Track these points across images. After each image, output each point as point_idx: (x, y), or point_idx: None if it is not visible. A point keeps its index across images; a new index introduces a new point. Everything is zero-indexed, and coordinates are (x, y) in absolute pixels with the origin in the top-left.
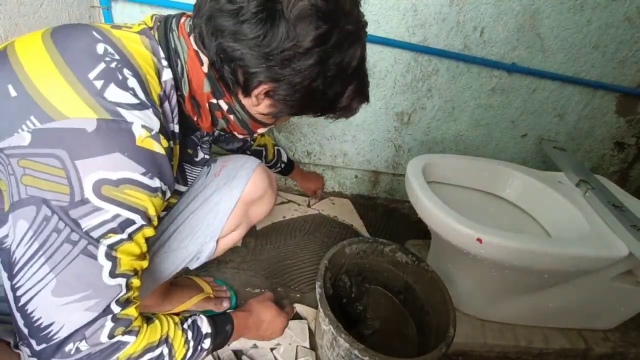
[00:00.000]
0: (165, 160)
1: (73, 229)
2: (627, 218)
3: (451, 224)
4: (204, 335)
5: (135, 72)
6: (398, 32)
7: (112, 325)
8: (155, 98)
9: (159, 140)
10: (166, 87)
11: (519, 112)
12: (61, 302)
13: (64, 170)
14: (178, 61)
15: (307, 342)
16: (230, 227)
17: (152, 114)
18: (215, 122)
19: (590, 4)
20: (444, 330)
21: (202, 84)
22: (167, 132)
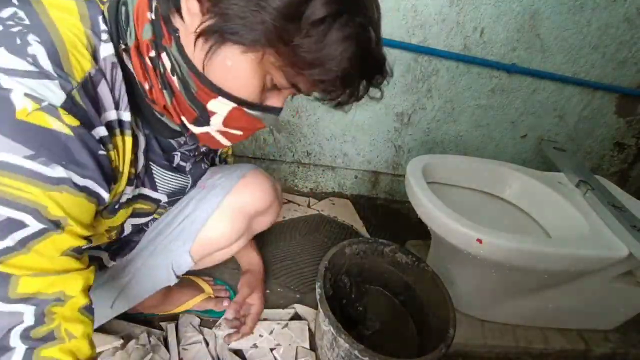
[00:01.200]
0: (77, 145)
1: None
2: (627, 219)
3: (451, 225)
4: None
5: (47, 40)
6: (398, 32)
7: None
8: (76, 74)
9: (58, 115)
10: (105, 66)
11: (518, 113)
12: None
13: None
14: (123, 9)
15: (307, 342)
16: (233, 239)
17: (56, 87)
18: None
19: (590, 5)
20: (444, 330)
21: (143, 30)
22: (85, 115)
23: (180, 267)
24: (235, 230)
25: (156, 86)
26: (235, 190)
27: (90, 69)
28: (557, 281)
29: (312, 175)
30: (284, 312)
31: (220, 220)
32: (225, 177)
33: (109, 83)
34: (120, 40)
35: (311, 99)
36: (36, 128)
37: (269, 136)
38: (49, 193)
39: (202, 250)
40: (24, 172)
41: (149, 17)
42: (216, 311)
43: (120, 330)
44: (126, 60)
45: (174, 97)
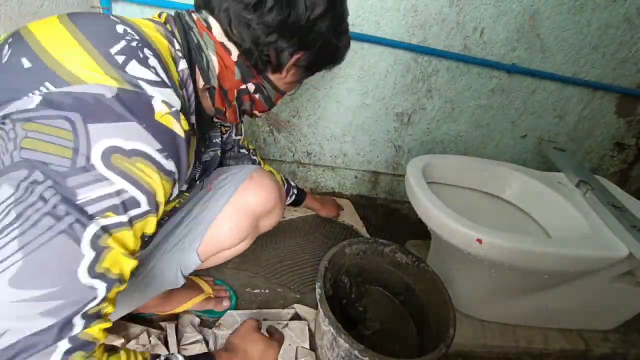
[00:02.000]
0: (184, 144)
1: (63, 200)
2: (627, 219)
3: (451, 225)
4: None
5: (155, 53)
6: (398, 32)
7: (67, 347)
8: (175, 81)
9: (179, 119)
10: (183, 76)
11: (518, 113)
12: (16, 296)
13: (73, 133)
14: (203, 55)
15: (307, 342)
16: (239, 239)
17: (173, 94)
18: (241, 110)
19: (590, 5)
20: (444, 330)
21: (234, 72)
22: (187, 115)
23: (188, 267)
24: (242, 230)
25: (233, 109)
26: (241, 191)
27: (177, 77)
28: (557, 281)
29: (312, 175)
30: (284, 312)
31: (227, 221)
32: (231, 178)
33: (186, 91)
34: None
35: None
36: (165, 128)
37: (269, 136)
38: (162, 182)
39: (209, 250)
40: (153, 162)
41: (234, 60)
42: (216, 311)
43: (120, 330)
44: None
45: (254, 104)
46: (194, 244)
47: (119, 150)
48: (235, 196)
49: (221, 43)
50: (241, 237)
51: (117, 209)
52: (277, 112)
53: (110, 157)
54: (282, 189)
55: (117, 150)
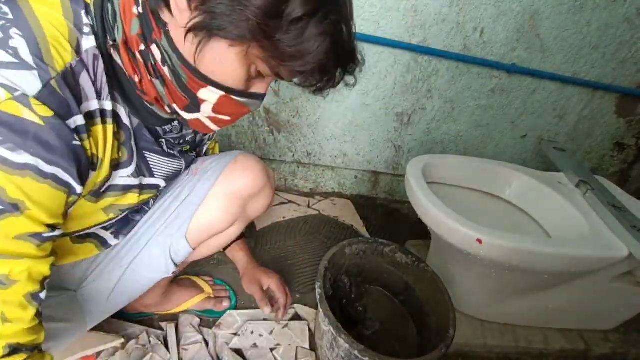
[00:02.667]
0: (48, 134)
1: None
2: (627, 219)
3: (451, 225)
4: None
5: (29, 33)
6: (398, 32)
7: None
8: (56, 65)
9: (30, 105)
10: (87, 57)
11: (518, 113)
12: None
13: None
14: (109, 6)
15: (307, 343)
16: (227, 223)
17: (33, 77)
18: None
19: (590, 5)
20: (444, 330)
21: (131, 25)
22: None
23: (178, 253)
24: (229, 213)
25: (146, 78)
26: (226, 173)
27: (71, 61)
28: (557, 281)
29: (312, 175)
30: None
31: (213, 204)
32: (216, 162)
33: (91, 74)
34: (107, 35)
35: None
36: (7, 116)
37: (269, 136)
38: (10, 177)
39: (198, 235)
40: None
41: (136, 12)
42: (216, 311)
43: (120, 330)
44: (114, 55)
45: (166, 86)
46: (182, 229)
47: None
48: (221, 178)
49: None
50: (229, 220)
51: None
52: (277, 112)
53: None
54: (270, 171)
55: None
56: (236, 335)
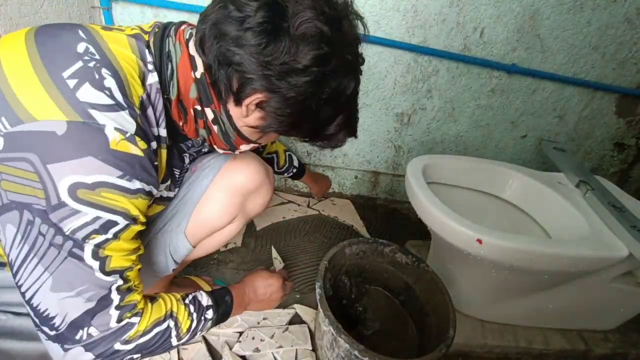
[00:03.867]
0: (146, 162)
1: (56, 232)
2: (627, 219)
3: (451, 225)
4: (205, 307)
5: (114, 72)
6: (398, 32)
7: (117, 312)
8: (135, 100)
9: (135, 142)
10: (150, 91)
11: (518, 113)
12: (60, 297)
13: (37, 174)
14: (169, 65)
15: (309, 344)
16: (226, 219)
17: (128, 115)
18: (197, 130)
19: (590, 5)
20: (444, 331)
21: (189, 89)
22: (146, 134)
23: (178, 250)
24: (228, 209)
25: (191, 126)
26: (225, 170)
27: (142, 94)
28: (557, 281)
29: None
30: (284, 312)
31: (212, 199)
32: (215, 159)
33: (154, 106)
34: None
35: None
36: (122, 154)
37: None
38: (131, 200)
39: (197, 232)
40: (116, 188)
41: (194, 77)
42: None
43: None
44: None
45: (211, 135)
46: (182, 225)
47: (83, 185)
48: (220, 175)
49: (191, 56)
50: (229, 216)
51: (99, 232)
52: None
53: (76, 192)
54: (269, 168)
55: (81, 185)
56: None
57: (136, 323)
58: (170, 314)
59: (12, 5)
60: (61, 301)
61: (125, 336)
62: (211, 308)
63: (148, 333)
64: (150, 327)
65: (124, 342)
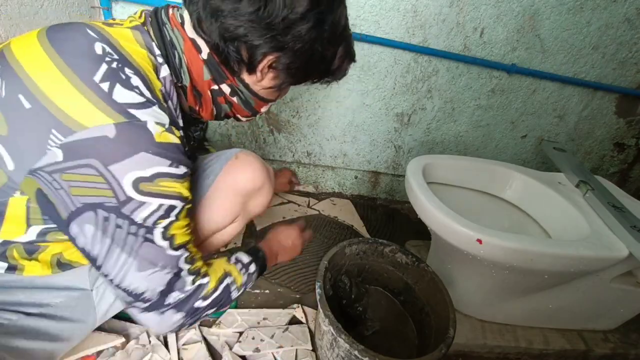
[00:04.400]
0: (182, 148)
1: (130, 223)
2: (627, 219)
3: (451, 225)
4: (247, 263)
5: (136, 70)
6: (398, 32)
7: (190, 277)
8: (158, 94)
9: (173, 131)
10: (166, 84)
11: (518, 113)
12: (146, 274)
13: (101, 176)
14: (175, 53)
15: (309, 344)
16: (228, 219)
17: (159, 109)
18: (218, 110)
19: (589, 5)
20: (444, 331)
21: (202, 72)
22: (177, 124)
23: None
24: (230, 209)
25: (208, 108)
26: (227, 170)
27: (160, 87)
28: (557, 281)
29: (312, 176)
30: (284, 313)
31: (214, 200)
32: (216, 159)
33: (171, 97)
34: (171, 70)
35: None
36: (167, 145)
37: (269, 136)
38: (182, 184)
39: (198, 232)
40: (170, 176)
41: (202, 59)
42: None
43: (120, 330)
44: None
45: (233, 108)
46: None
47: (143, 179)
48: (221, 175)
49: (192, 40)
50: (230, 216)
51: (163, 217)
52: (277, 112)
53: (139, 186)
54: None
55: (141, 179)
56: (238, 342)
57: (207, 283)
58: (228, 273)
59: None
60: (148, 277)
61: (202, 294)
62: (252, 263)
63: (217, 289)
64: (218, 284)
65: (202, 299)
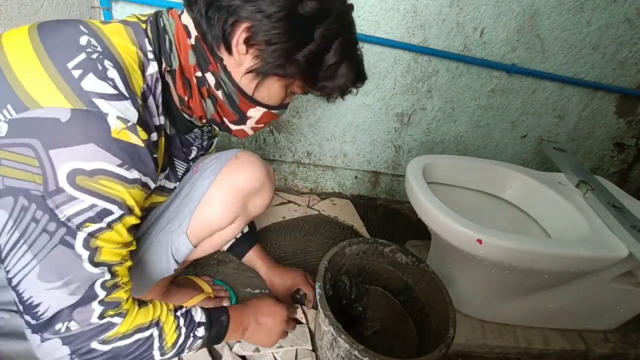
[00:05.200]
0: (145, 152)
1: (51, 218)
2: (627, 219)
3: (451, 225)
4: (197, 323)
5: (117, 63)
6: (398, 32)
7: (100, 308)
8: (137, 91)
9: (136, 132)
10: (151, 81)
11: (518, 113)
12: (46, 287)
13: (37, 159)
14: (166, 37)
15: (309, 344)
16: (228, 219)
17: (130, 106)
18: (206, 105)
19: (589, 5)
20: (444, 331)
21: (188, 56)
22: (147, 125)
23: (179, 250)
24: (230, 208)
25: (196, 98)
26: (227, 170)
27: (142, 85)
28: (557, 281)
29: (312, 175)
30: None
31: (214, 200)
32: (217, 159)
33: (154, 95)
34: (162, 59)
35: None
36: (123, 143)
37: (269, 136)
38: (128, 190)
39: (198, 232)
40: (115, 176)
41: (190, 44)
42: None
43: None
44: (166, 76)
45: (217, 105)
46: (183, 225)
47: (81, 172)
48: (221, 175)
49: (184, 25)
50: (230, 216)
51: (94, 220)
52: None
53: (75, 178)
54: (270, 169)
55: (80, 172)
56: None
57: (118, 323)
58: (157, 323)
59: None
60: (46, 291)
61: (104, 335)
62: (203, 325)
63: (128, 337)
64: (132, 332)
65: (101, 342)
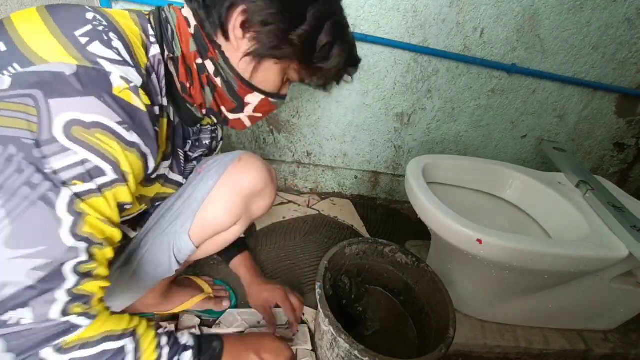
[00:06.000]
0: (146, 118)
1: (36, 170)
2: (627, 219)
3: (451, 225)
4: (182, 346)
5: (121, 37)
6: (398, 32)
7: (65, 300)
8: (141, 64)
9: (139, 94)
10: (154, 62)
11: (519, 113)
12: (12, 254)
13: (36, 108)
14: (169, 27)
15: (309, 344)
16: (231, 220)
17: (135, 72)
18: (205, 93)
19: (590, 5)
20: (444, 331)
21: (189, 44)
22: (150, 94)
23: (181, 251)
24: (232, 210)
25: (197, 85)
26: (230, 171)
27: (146, 62)
28: (557, 281)
29: (312, 175)
30: (284, 312)
31: (217, 201)
32: (220, 161)
33: (157, 75)
34: (165, 46)
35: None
36: (124, 103)
37: (269, 136)
38: (124, 152)
39: (201, 233)
40: (113, 133)
41: (190, 32)
42: (216, 311)
43: None
44: (169, 64)
45: (216, 92)
46: (185, 226)
47: (79, 123)
48: (225, 176)
49: (185, 17)
50: (233, 218)
51: (84, 177)
52: (277, 112)
53: (71, 129)
54: (273, 170)
55: (77, 122)
56: None
57: (82, 326)
58: (132, 334)
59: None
60: (9, 261)
61: (61, 339)
62: (191, 349)
63: (92, 346)
64: (99, 339)
65: (57, 349)
